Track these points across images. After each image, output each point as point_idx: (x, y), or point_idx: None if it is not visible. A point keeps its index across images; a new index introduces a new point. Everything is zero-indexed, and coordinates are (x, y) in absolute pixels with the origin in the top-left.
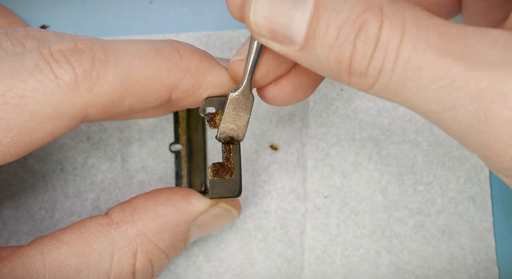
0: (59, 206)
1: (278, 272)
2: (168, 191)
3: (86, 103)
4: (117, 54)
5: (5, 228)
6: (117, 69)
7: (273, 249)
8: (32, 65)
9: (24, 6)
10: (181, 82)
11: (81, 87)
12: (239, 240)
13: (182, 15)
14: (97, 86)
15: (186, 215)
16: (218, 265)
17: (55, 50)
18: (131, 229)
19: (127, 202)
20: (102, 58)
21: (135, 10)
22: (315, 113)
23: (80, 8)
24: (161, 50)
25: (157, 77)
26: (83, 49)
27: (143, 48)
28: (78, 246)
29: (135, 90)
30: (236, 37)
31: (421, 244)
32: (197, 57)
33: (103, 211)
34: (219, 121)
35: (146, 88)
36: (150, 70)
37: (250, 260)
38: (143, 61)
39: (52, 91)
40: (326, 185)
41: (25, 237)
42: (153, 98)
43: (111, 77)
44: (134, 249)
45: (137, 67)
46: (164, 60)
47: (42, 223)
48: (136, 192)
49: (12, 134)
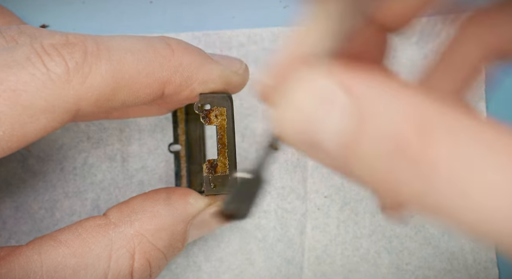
0: (59, 205)
1: (278, 272)
2: (166, 191)
3: (78, 96)
4: (109, 48)
5: (4, 228)
6: (109, 63)
7: (273, 249)
8: (23, 59)
9: (24, 6)
10: (174, 76)
11: (73, 80)
12: (239, 240)
13: (182, 15)
14: (89, 79)
15: (184, 215)
16: (218, 265)
17: (47, 44)
18: (129, 230)
19: (125, 202)
20: (95, 51)
21: (135, 10)
22: None
23: (80, 8)
24: (154, 45)
25: (149, 71)
26: (75, 43)
27: (135, 43)
28: (76, 247)
29: (127, 84)
30: (235, 36)
31: (421, 244)
32: (190, 52)
33: (103, 210)
34: (214, 117)
35: (139, 82)
36: (142, 65)
37: (250, 260)
38: (135, 56)
39: (44, 84)
40: (326, 185)
41: (25, 237)
42: (146, 92)
43: (104, 70)
44: (132, 250)
45: (129, 61)
46: (156, 55)
47: (42, 223)
48: (136, 191)
49: (4, 128)
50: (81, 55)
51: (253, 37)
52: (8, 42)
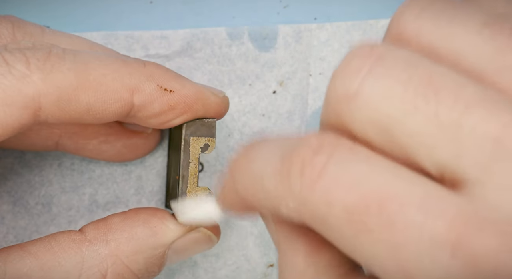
0: (56, 201)
1: (275, 268)
2: (146, 212)
3: (38, 92)
4: (76, 53)
5: (3, 223)
6: (73, 64)
7: (270, 245)
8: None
9: (24, 6)
10: (143, 84)
11: (33, 75)
12: (235, 236)
13: (182, 15)
14: (51, 76)
15: (163, 239)
16: (214, 261)
17: (11, 47)
18: (104, 249)
19: (103, 220)
20: (60, 53)
21: (135, 10)
22: (314, 111)
23: (80, 8)
24: (124, 58)
25: (116, 76)
26: (40, 47)
27: (104, 53)
28: (45, 260)
29: (91, 85)
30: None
31: None
32: (164, 69)
33: (101, 205)
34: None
35: (104, 85)
36: (109, 70)
37: (246, 256)
38: (102, 62)
39: (3, 76)
40: None
41: (22, 231)
42: (113, 98)
43: (66, 69)
44: (104, 270)
45: (95, 65)
46: (125, 64)
47: (40, 218)
48: (134, 187)
49: None
50: (44, 55)
51: (253, 35)
52: None
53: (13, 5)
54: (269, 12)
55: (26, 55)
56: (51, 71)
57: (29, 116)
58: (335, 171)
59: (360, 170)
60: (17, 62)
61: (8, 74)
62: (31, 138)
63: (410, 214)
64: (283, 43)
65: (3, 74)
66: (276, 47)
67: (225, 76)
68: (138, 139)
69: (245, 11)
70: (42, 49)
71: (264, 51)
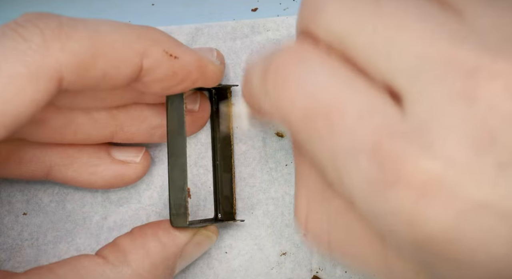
0: (70, 198)
1: (288, 256)
2: (151, 226)
3: (59, 62)
4: (85, 20)
5: (17, 221)
6: (85, 31)
7: (282, 234)
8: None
9: (24, 6)
10: (151, 49)
11: (51, 47)
12: (248, 227)
13: (184, 17)
14: (68, 45)
15: (174, 248)
16: (228, 251)
17: (21, 19)
18: (127, 269)
19: (114, 244)
20: (70, 22)
21: (137, 12)
22: None
23: (81, 9)
24: (130, 24)
25: (125, 40)
26: (49, 15)
27: (112, 20)
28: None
29: (106, 51)
30: (239, 28)
31: None
32: (166, 35)
33: (114, 201)
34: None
35: (116, 51)
36: (118, 34)
37: (259, 245)
38: (110, 27)
39: (24, 53)
40: None
41: (37, 228)
42: (125, 64)
43: (81, 36)
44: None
45: (105, 30)
46: (132, 29)
47: (55, 215)
48: (146, 182)
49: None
50: (56, 25)
51: (257, 28)
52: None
53: (13, 5)
54: (270, 14)
55: (40, 26)
56: (67, 40)
57: (55, 87)
58: (299, 77)
59: (319, 79)
60: (33, 36)
61: (28, 50)
62: (21, 169)
63: (347, 122)
64: (287, 35)
65: (24, 51)
66: (281, 38)
67: (231, 69)
68: (126, 169)
69: (245, 13)
70: (52, 18)
71: (269, 44)
